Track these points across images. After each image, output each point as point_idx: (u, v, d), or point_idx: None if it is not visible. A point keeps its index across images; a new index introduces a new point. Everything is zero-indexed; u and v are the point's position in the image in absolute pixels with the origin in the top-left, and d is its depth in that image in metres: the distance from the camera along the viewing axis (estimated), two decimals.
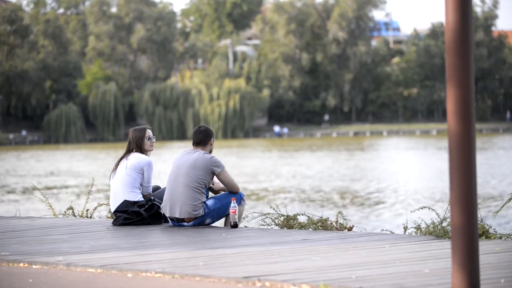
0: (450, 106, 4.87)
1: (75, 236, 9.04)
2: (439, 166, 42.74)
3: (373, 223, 21.89)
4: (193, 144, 9.62)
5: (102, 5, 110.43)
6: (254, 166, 47.19)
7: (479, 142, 67.03)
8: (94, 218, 10.90)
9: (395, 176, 38.74)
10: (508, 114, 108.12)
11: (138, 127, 10.14)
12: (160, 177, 29.86)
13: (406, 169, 43.33)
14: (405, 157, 54.99)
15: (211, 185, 9.70)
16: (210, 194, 9.79)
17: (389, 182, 34.95)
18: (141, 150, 9.95)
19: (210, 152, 9.58)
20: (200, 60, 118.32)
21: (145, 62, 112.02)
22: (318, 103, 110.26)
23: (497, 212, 8.20)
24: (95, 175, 39.51)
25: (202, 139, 9.56)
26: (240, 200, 9.52)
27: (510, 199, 8.08)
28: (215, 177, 9.55)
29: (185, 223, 9.43)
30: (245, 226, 9.54)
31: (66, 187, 35.88)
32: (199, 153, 9.46)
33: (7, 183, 38.42)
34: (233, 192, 9.56)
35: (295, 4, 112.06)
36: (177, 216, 9.38)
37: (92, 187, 11.33)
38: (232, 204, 9.25)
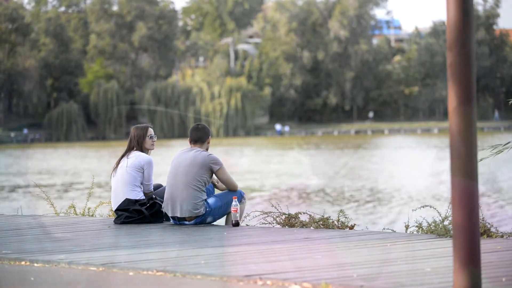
0: (451, 104, 4.87)
1: (76, 234, 9.04)
2: (440, 164, 42.72)
3: (374, 222, 21.89)
4: (190, 142, 9.60)
5: (103, 3, 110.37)
6: (254, 164, 47.16)
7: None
8: (95, 216, 10.89)
9: (396, 174, 38.73)
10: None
11: (140, 125, 10.12)
12: (159, 174, 29.84)
13: (407, 168, 43.31)
14: (406, 156, 54.95)
15: (216, 183, 9.68)
16: (216, 191, 9.76)
17: (390, 181, 34.94)
18: (142, 148, 9.94)
19: (207, 150, 9.58)
20: (201, 59, 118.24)
21: (146, 60, 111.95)
22: (319, 101, 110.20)
23: (498, 152, 7.98)
24: (96, 173, 39.49)
25: (201, 136, 9.55)
26: (240, 198, 9.51)
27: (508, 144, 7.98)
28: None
29: (187, 222, 9.41)
30: (247, 225, 9.53)
31: (67, 185, 35.88)
32: (197, 151, 9.45)
33: (8, 181, 38.42)
34: (231, 190, 9.55)
35: (296, 3, 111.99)
36: (178, 215, 9.37)
37: (93, 185, 11.32)
38: (233, 203, 9.24)
